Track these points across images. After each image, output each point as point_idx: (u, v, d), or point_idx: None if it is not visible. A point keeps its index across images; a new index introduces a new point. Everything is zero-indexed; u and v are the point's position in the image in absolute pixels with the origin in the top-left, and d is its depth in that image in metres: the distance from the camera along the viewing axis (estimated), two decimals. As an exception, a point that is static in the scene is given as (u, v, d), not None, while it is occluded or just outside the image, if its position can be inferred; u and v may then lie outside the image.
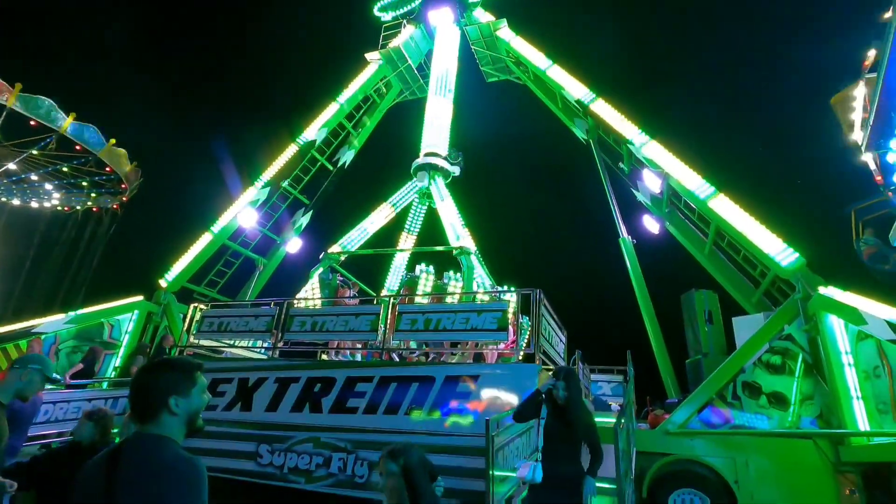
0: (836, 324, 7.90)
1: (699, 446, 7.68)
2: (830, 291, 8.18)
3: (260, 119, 47.28)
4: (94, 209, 26.00)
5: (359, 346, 8.91)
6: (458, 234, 12.62)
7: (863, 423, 7.26)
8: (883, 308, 7.58)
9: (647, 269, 14.07)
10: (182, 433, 1.76)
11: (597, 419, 8.90)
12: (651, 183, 13.00)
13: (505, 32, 17.91)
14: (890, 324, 7.14)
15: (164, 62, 46.43)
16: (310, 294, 11.69)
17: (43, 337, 11.15)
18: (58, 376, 3.54)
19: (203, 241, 14.50)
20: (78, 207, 25.76)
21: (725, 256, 11.54)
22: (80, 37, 43.05)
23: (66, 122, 18.78)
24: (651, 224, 13.93)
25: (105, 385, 10.34)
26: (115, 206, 25.63)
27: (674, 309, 13.26)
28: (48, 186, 23.45)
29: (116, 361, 12.02)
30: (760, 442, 7.54)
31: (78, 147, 19.90)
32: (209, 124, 46.71)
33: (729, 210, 10.30)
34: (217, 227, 14.74)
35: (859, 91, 13.73)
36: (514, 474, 4.61)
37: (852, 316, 7.65)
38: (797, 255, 9.02)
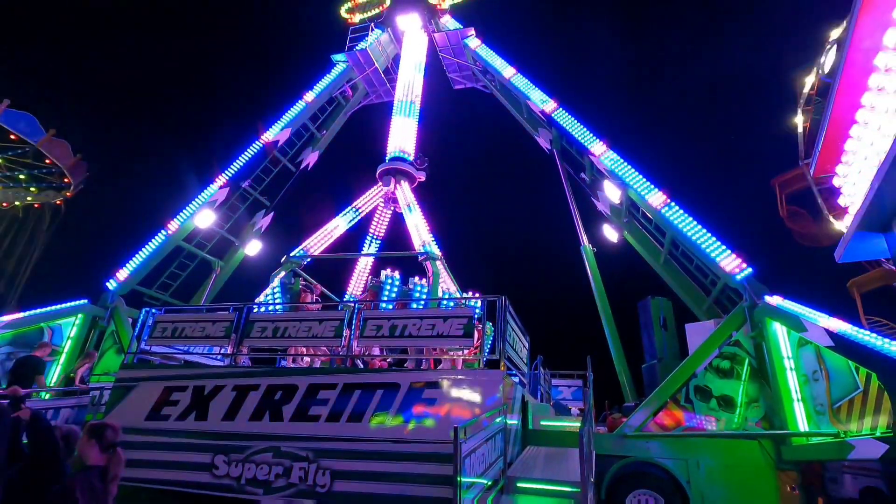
0: (779, 331, 8.42)
1: (654, 448, 7.96)
2: (775, 300, 8.69)
3: (220, 117, 45.76)
4: (36, 205, 24.37)
5: (320, 351, 8.73)
6: (423, 239, 12.62)
7: (802, 424, 7.76)
8: (821, 316, 8.15)
9: (607, 276, 14.52)
10: None
11: (558, 423, 9.15)
12: (611, 193, 13.43)
13: (472, 41, 18.14)
14: (828, 331, 7.66)
15: (116, 52, 44.21)
16: (270, 299, 11.38)
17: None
18: None
19: (155, 242, 13.83)
20: (17, 203, 24.06)
21: (679, 265, 12.07)
22: (18, 23, 40.42)
23: (-1, 110, 17.58)
24: (611, 233, 14.39)
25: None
26: (58, 202, 24.11)
27: (631, 315, 13.71)
28: (-19, 180, 21.84)
29: (57, 369, 11.25)
30: (710, 443, 7.91)
31: (13, 136, 18.62)
32: (165, 120, 44.84)
33: (683, 221, 10.80)
34: (171, 227, 14.09)
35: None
36: (479, 480, 4.64)
37: (794, 323, 8.18)
38: (745, 265, 9.55)
